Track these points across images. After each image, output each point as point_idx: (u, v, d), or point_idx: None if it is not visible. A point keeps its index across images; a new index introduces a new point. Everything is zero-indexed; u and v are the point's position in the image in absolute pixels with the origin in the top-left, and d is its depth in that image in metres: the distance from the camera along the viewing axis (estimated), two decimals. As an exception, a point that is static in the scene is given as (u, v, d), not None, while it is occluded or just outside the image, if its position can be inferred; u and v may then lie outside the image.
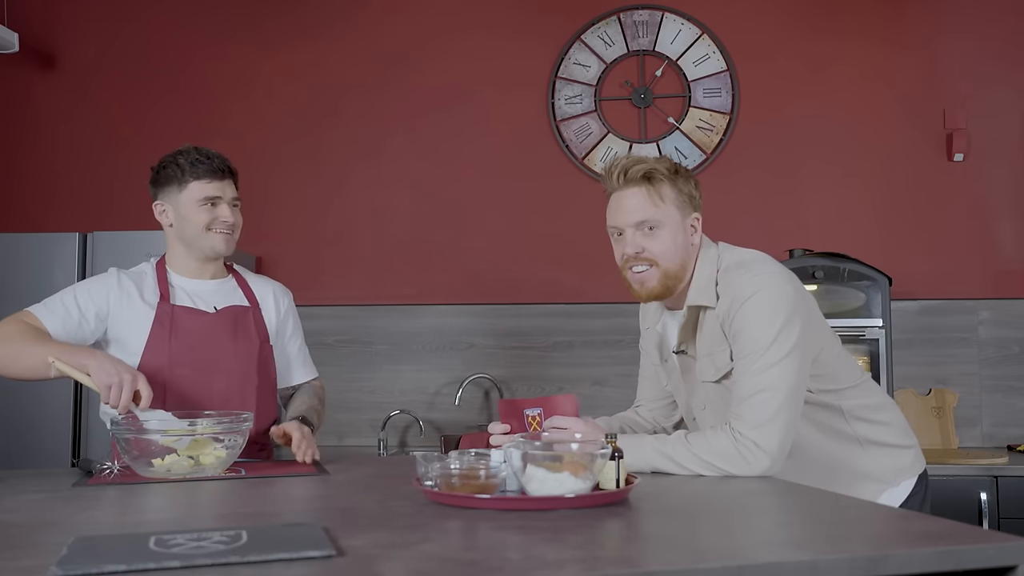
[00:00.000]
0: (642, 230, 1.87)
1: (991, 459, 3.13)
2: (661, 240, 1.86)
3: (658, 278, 1.88)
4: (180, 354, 2.09)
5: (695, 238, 1.89)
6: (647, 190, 1.87)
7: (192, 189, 2.12)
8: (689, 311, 1.88)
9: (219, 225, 2.14)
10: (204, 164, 2.12)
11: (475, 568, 1.00)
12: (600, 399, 3.73)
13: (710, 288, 1.85)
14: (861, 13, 3.82)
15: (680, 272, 1.88)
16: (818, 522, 1.33)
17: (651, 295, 1.90)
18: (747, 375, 1.75)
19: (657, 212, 1.86)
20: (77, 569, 0.96)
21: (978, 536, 1.14)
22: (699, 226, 1.90)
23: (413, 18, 3.98)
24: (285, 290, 2.36)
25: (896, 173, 3.76)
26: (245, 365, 2.16)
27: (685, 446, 1.72)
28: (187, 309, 2.14)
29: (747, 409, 1.72)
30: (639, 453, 1.73)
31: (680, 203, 1.87)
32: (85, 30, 4.05)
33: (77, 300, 2.09)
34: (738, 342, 1.78)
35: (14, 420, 3.21)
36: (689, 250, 1.89)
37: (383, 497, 1.54)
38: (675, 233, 1.86)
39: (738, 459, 1.69)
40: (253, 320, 2.22)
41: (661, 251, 1.86)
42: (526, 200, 3.89)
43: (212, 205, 2.13)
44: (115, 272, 2.18)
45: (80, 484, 1.73)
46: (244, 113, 3.98)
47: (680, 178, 1.88)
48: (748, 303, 1.76)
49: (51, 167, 4.00)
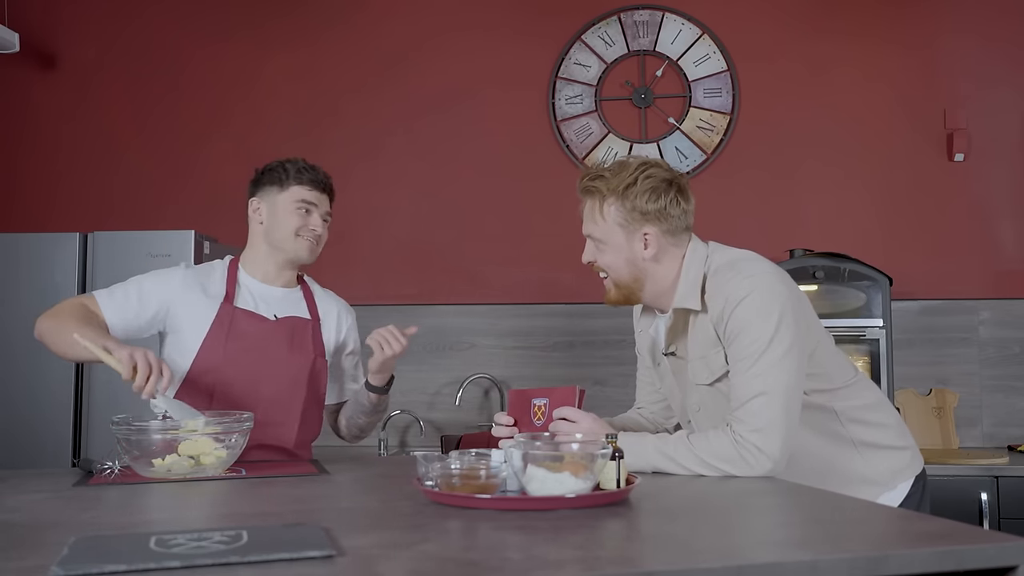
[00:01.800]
0: (592, 242, 1.92)
1: (991, 459, 3.13)
2: (605, 253, 1.89)
3: (613, 287, 1.91)
4: (233, 356, 2.11)
5: (647, 252, 1.86)
6: (591, 204, 1.89)
7: (292, 191, 2.19)
8: (676, 314, 1.88)
9: (308, 232, 2.19)
10: (309, 173, 2.21)
11: (475, 568, 1.00)
12: (601, 399, 3.72)
13: (695, 291, 1.84)
14: (862, 13, 3.82)
15: (633, 284, 1.89)
16: (818, 522, 1.33)
17: (614, 303, 1.94)
18: (745, 378, 1.74)
19: (597, 229, 1.89)
20: (78, 569, 0.96)
21: (979, 536, 1.14)
22: (653, 239, 1.85)
23: (413, 18, 3.98)
24: (350, 309, 2.41)
25: (897, 173, 3.76)
26: (296, 376, 2.17)
27: (687, 447, 1.72)
28: (248, 313, 2.16)
29: (747, 413, 1.71)
30: (641, 453, 1.73)
31: (624, 219, 1.85)
32: (86, 30, 4.05)
33: (140, 291, 2.13)
34: (734, 345, 1.77)
35: (15, 420, 3.21)
36: (639, 264, 1.87)
37: (383, 497, 1.54)
38: (617, 249, 1.87)
39: (740, 462, 1.68)
40: (311, 333, 2.24)
41: (606, 263, 1.90)
42: (527, 200, 3.89)
43: (306, 212, 2.19)
44: (183, 267, 2.22)
45: (81, 484, 1.73)
46: (244, 113, 3.98)
47: (631, 192, 1.83)
48: (742, 304, 1.75)
49: (52, 167, 4.00)
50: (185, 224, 3.46)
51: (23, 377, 3.22)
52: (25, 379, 3.22)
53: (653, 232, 1.85)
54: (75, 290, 3.21)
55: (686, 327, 1.88)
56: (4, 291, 3.25)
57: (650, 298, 1.92)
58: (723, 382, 1.82)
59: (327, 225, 2.26)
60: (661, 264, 1.88)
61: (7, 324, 3.23)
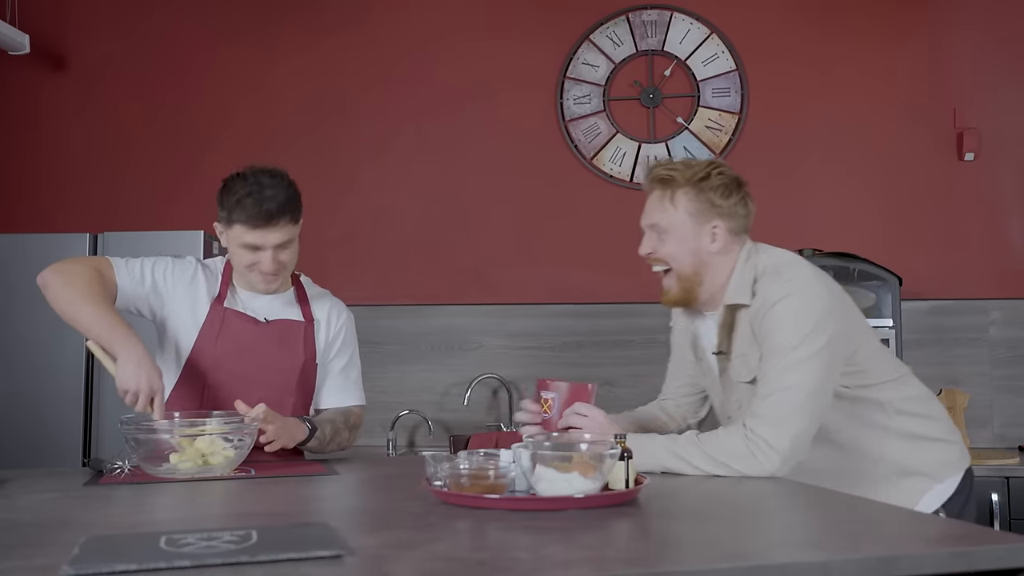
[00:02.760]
0: (655, 232, 1.91)
1: (1002, 459, 3.12)
2: (667, 243, 1.90)
3: (675, 281, 1.91)
4: (224, 359, 2.10)
5: (714, 246, 1.88)
6: (660, 194, 1.91)
7: (235, 231, 2.05)
8: (726, 310, 1.89)
9: (256, 271, 2.09)
10: (247, 208, 2.01)
11: (484, 568, 1.00)
12: (610, 399, 3.71)
13: (747, 289, 1.86)
14: (870, 13, 3.81)
15: (695, 277, 1.89)
16: (830, 523, 1.33)
17: (673, 301, 1.95)
18: (770, 374, 1.75)
19: (665, 217, 1.89)
20: (88, 568, 0.97)
21: (989, 537, 1.14)
22: (722, 233, 1.88)
23: (421, 19, 3.98)
24: (343, 310, 2.31)
25: (906, 173, 3.75)
26: (286, 379, 2.15)
27: (696, 445, 1.72)
28: (238, 314, 2.13)
29: (765, 407, 1.72)
30: (650, 453, 1.73)
31: (695, 210, 1.87)
32: (95, 32, 4.06)
33: (154, 272, 2.12)
34: (766, 343, 1.78)
35: (26, 420, 3.22)
36: (704, 257, 1.88)
37: (392, 497, 1.54)
38: (683, 239, 1.88)
39: (748, 457, 1.68)
40: (303, 336, 2.19)
41: (668, 253, 1.90)
42: (535, 200, 3.89)
43: (254, 250, 2.06)
44: (193, 259, 2.19)
45: (91, 484, 1.73)
46: (253, 113, 3.99)
47: (705, 184, 1.87)
48: (777, 306, 1.77)
49: (61, 168, 4.02)
50: (194, 224, 3.46)
51: (34, 377, 3.23)
52: (36, 378, 3.23)
53: (721, 227, 1.88)
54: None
55: (734, 325, 1.89)
56: (14, 291, 3.26)
57: (707, 297, 1.92)
58: None
59: (290, 248, 2.11)
60: (723, 260, 1.89)
61: (18, 324, 3.24)
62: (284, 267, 2.12)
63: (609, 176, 3.86)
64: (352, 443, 2.26)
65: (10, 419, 3.22)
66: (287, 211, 2.07)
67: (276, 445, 1.99)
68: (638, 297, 3.77)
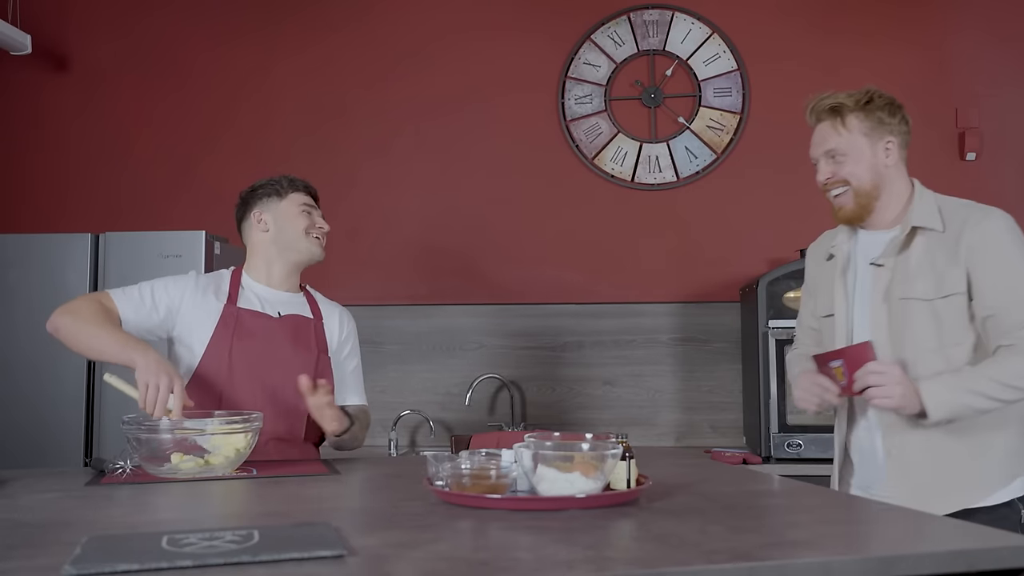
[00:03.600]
0: (831, 157, 2.04)
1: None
2: (845, 164, 2.02)
3: (852, 198, 2.02)
4: (240, 354, 2.15)
5: (889, 159, 2.01)
6: (831, 122, 2.05)
7: (292, 198, 2.31)
8: (906, 231, 1.96)
9: (316, 231, 2.30)
10: (300, 182, 2.36)
11: (486, 568, 1.00)
12: (610, 399, 3.72)
13: (934, 212, 1.96)
14: (872, 12, 3.81)
15: (873, 191, 2.01)
16: (830, 523, 1.33)
17: (848, 216, 2.04)
18: (1017, 303, 1.83)
19: (842, 140, 2.02)
20: (90, 568, 0.97)
21: (990, 537, 1.14)
22: (895, 149, 2.02)
23: (422, 19, 3.98)
24: (350, 316, 2.45)
25: (908, 172, 3.74)
26: (301, 371, 2.17)
27: (991, 378, 1.80)
28: (251, 312, 2.21)
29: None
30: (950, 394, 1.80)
31: (867, 129, 2.01)
32: (97, 32, 4.07)
33: (153, 292, 2.19)
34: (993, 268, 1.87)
35: (28, 420, 3.23)
36: (881, 171, 2.01)
37: (394, 497, 1.54)
38: (860, 157, 2.01)
39: None
40: (314, 331, 2.28)
41: (848, 172, 2.02)
42: (536, 200, 3.89)
43: (310, 212, 2.31)
44: (194, 273, 2.29)
45: (93, 483, 1.73)
46: (254, 113, 3.99)
47: (872, 106, 2.01)
48: (999, 235, 1.90)
49: (63, 168, 4.02)
50: (195, 224, 3.47)
51: (36, 377, 3.24)
52: (38, 379, 3.24)
53: (894, 142, 2.03)
54: (87, 291, 3.22)
55: (908, 244, 1.96)
56: (16, 291, 3.26)
57: (881, 209, 2.02)
58: (948, 300, 1.89)
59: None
60: (897, 176, 2.04)
61: (20, 324, 3.25)
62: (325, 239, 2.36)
63: (610, 176, 3.86)
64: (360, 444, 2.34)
65: (12, 419, 3.22)
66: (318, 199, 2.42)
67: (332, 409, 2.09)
68: (638, 297, 3.78)
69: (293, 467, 1.98)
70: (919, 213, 1.98)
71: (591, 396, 3.74)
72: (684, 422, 3.71)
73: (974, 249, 1.89)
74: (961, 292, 1.88)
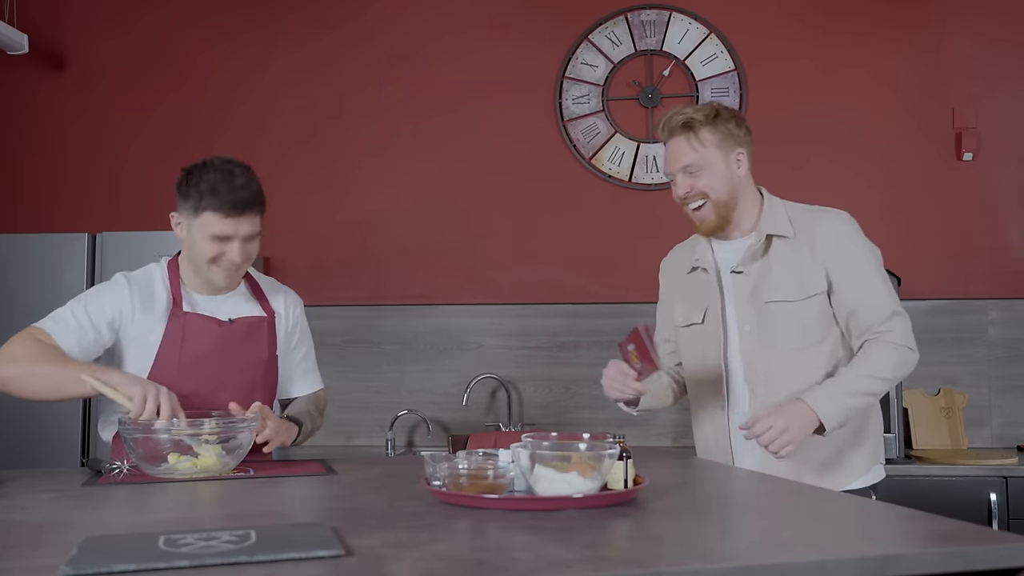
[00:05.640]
0: (688, 172, 2.10)
1: (1001, 459, 3.12)
2: (702, 177, 2.09)
3: (712, 209, 2.10)
4: (190, 365, 2.04)
5: (741, 170, 2.11)
6: (684, 138, 2.11)
7: (204, 220, 1.98)
8: (765, 239, 2.07)
9: (224, 262, 2.02)
10: (221, 195, 1.95)
11: (483, 568, 1.00)
12: (607, 399, 3.71)
13: (785, 220, 2.09)
14: (869, 13, 3.81)
15: (730, 201, 2.10)
16: (826, 522, 1.33)
17: (711, 228, 2.12)
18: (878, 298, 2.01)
19: (697, 156, 2.09)
20: (87, 568, 0.97)
21: (988, 537, 1.14)
22: (745, 160, 2.12)
23: (420, 18, 3.98)
24: (296, 299, 2.28)
25: (905, 173, 3.75)
26: (252, 376, 2.12)
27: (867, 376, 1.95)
28: (201, 318, 2.07)
29: (897, 334, 1.99)
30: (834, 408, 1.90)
31: (719, 142, 2.09)
32: (94, 31, 4.06)
33: (88, 312, 2.02)
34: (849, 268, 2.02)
35: (25, 420, 3.22)
36: (736, 182, 2.10)
37: (391, 497, 1.54)
38: (715, 170, 2.09)
39: (905, 366, 1.99)
40: (266, 330, 2.15)
41: (705, 185, 2.09)
42: (533, 200, 3.89)
43: (222, 241, 2.00)
44: (123, 279, 2.09)
45: (90, 484, 1.73)
46: (251, 113, 3.99)
47: (720, 120, 2.09)
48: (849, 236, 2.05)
49: (60, 168, 4.01)
50: (193, 224, 3.46)
51: (32, 377, 3.23)
52: (34, 379, 3.23)
53: (744, 152, 2.12)
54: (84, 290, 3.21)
55: (766, 251, 2.08)
56: (14, 291, 3.26)
57: (738, 218, 2.12)
58: (811, 300, 2.02)
59: (254, 242, 2.04)
60: (749, 185, 2.14)
61: (17, 325, 3.22)
62: (248, 260, 2.06)
63: (608, 176, 3.86)
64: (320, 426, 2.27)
65: (9, 419, 3.22)
66: (258, 201, 2.02)
67: (275, 444, 1.98)
68: (636, 297, 3.77)
69: (290, 467, 1.98)
70: (770, 221, 2.10)
71: (588, 396, 3.74)
72: (681, 422, 3.71)
73: (829, 252, 2.03)
74: (822, 292, 2.03)
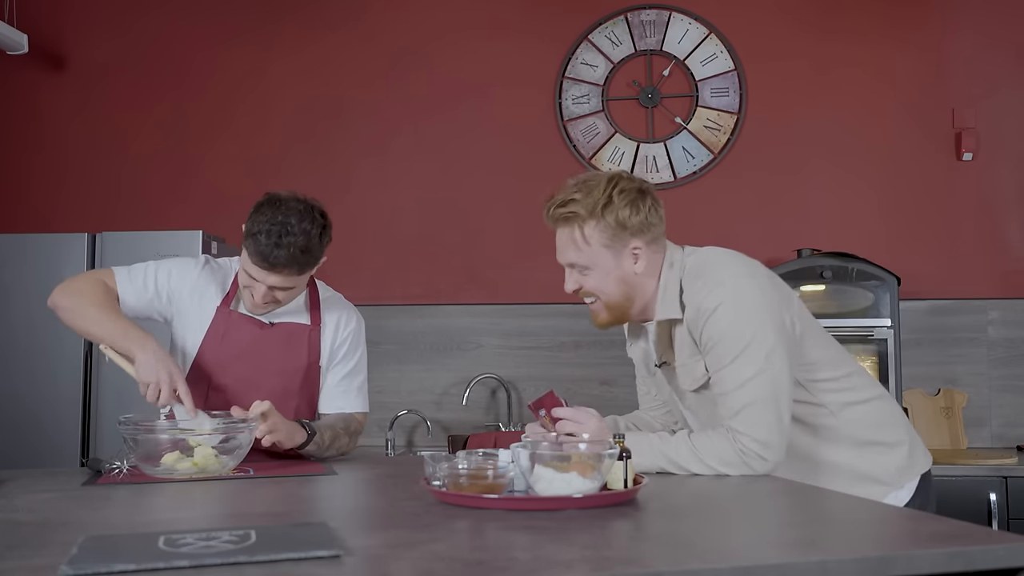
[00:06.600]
0: (576, 269, 1.86)
1: (1000, 459, 3.12)
2: (591, 278, 1.84)
3: (604, 309, 1.86)
4: (226, 361, 2.11)
5: (639, 266, 1.81)
6: (568, 232, 1.83)
7: (245, 258, 2.01)
8: (659, 326, 1.85)
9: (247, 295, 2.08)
10: (260, 246, 1.96)
11: (483, 568, 1.00)
12: (608, 399, 3.72)
13: (675, 300, 1.81)
14: (869, 13, 3.81)
15: (625, 302, 1.84)
16: (827, 523, 1.33)
17: (606, 324, 1.89)
18: (732, 387, 1.72)
19: (581, 255, 1.82)
20: (87, 568, 0.97)
21: (987, 537, 1.14)
22: (643, 250, 1.81)
23: (419, 18, 3.98)
24: (353, 317, 2.27)
25: (905, 172, 3.75)
26: (289, 382, 2.14)
27: (690, 449, 1.71)
28: (243, 317, 2.13)
29: (745, 424, 1.69)
30: (643, 453, 1.72)
31: (609, 239, 1.80)
32: (93, 31, 4.06)
33: (157, 278, 2.14)
34: (712, 355, 1.75)
35: (24, 420, 3.22)
36: (631, 280, 1.82)
37: (391, 497, 1.54)
38: (606, 271, 1.82)
39: (742, 466, 1.68)
40: (308, 339, 2.18)
41: (594, 287, 1.84)
42: (533, 200, 3.85)
43: (252, 278, 2.03)
44: (199, 261, 2.19)
45: (90, 483, 1.73)
46: (250, 113, 3.99)
47: (609, 211, 1.78)
48: (714, 316, 1.72)
49: (60, 167, 4.01)
50: (193, 224, 3.47)
51: (32, 376, 3.23)
52: (35, 378, 3.23)
53: (641, 245, 1.80)
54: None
55: (671, 335, 1.85)
56: (12, 291, 3.26)
57: (638, 313, 1.88)
58: (707, 389, 1.80)
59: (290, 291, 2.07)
60: (650, 276, 1.83)
61: (16, 324, 3.24)
62: (277, 303, 2.09)
63: (608, 176, 3.86)
64: (352, 449, 2.25)
65: (8, 419, 3.22)
66: (296, 263, 2.00)
67: (273, 438, 1.95)
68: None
69: (290, 467, 1.98)
70: (662, 305, 1.82)
71: (588, 396, 3.73)
72: (681, 422, 3.72)
73: (704, 341, 1.75)
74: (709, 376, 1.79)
